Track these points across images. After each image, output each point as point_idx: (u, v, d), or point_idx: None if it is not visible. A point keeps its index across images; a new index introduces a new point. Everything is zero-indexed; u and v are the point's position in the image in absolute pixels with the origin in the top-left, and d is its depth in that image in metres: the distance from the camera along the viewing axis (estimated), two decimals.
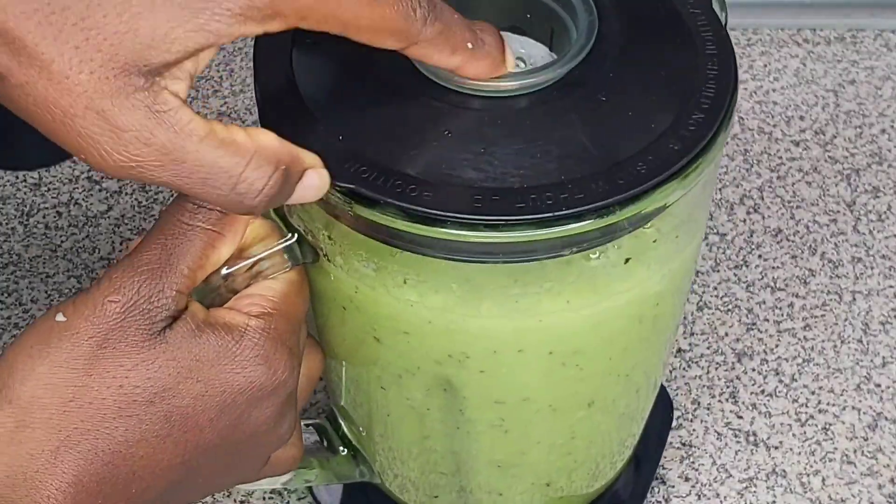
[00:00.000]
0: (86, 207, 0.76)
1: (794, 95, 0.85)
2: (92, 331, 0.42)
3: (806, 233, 0.77)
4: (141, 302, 0.42)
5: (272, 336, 0.44)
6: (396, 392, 0.50)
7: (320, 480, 0.57)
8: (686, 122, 0.44)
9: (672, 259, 0.47)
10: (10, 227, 0.75)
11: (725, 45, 0.47)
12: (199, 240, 0.44)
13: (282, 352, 0.44)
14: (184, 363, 0.43)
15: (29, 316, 0.70)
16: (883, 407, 0.68)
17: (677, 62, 0.46)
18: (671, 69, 0.46)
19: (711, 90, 0.45)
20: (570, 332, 0.47)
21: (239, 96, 0.83)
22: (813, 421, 0.67)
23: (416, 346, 0.47)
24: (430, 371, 0.48)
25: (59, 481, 0.41)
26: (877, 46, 0.89)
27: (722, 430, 0.67)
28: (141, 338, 0.42)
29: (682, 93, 0.45)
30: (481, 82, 0.45)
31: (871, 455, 0.66)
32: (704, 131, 0.44)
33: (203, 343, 0.43)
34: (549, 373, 0.48)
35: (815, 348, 0.71)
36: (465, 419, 0.50)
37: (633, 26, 0.48)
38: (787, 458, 0.66)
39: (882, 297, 0.73)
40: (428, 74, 0.46)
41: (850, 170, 0.80)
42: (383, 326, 0.48)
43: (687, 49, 0.47)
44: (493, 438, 0.51)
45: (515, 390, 0.49)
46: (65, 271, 0.72)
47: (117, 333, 0.42)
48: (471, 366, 0.48)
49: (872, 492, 0.64)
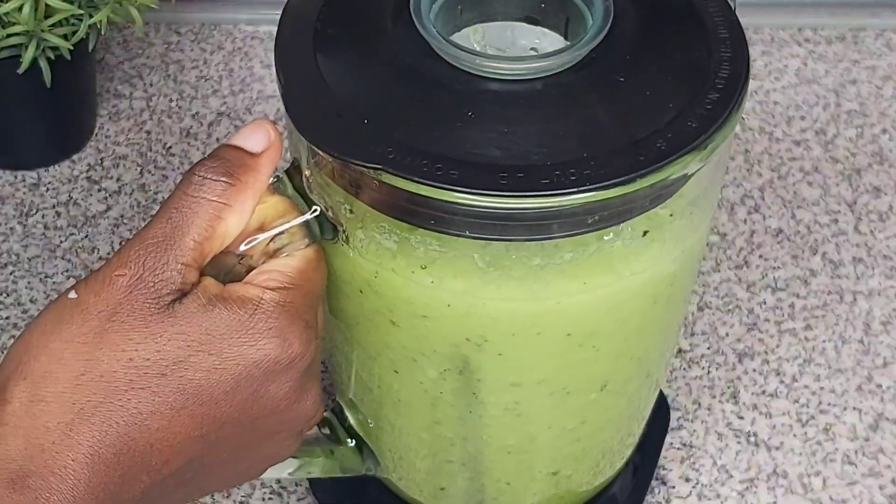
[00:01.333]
0: (85, 207, 0.76)
1: (795, 95, 0.85)
2: (101, 305, 0.43)
3: (807, 233, 0.76)
4: (147, 275, 0.43)
5: (287, 310, 0.44)
6: (409, 376, 0.51)
7: (325, 472, 0.57)
8: (703, 102, 0.45)
9: (687, 237, 0.48)
10: (9, 227, 0.75)
11: (736, 29, 0.49)
12: (205, 211, 0.44)
13: (297, 325, 0.45)
14: (194, 336, 0.43)
15: (28, 316, 0.70)
16: (884, 407, 0.68)
17: (691, 45, 0.48)
18: (685, 53, 0.48)
19: (725, 71, 0.47)
20: (587, 313, 0.48)
21: (238, 96, 0.83)
22: (814, 421, 0.67)
23: (434, 329, 0.48)
24: (446, 354, 0.49)
25: (75, 452, 0.41)
26: (878, 46, 0.89)
27: (723, 431, 0.67)
28: (148, 311, 0.43)
29: (696, 74, 0.47)
30: (500, 66, 0.46)
31: (873, 456, 0.66)
32: (720, 110, 0.45)
33: (215, 317, 0.43)
34: (565, 354, 0.49)
35: (816, 349, 0.70)
36: (478, 402, 0.51)
37: (647, 12, 0.49)
38: (788, 459, 0.65)
39: (883, 297, 0.73)
40: (448, 59, 0.46)
41: (851, 170, 0.80)
42: (401, 310, 0.48)
43: (700, 33, 0.48)
44: (505, 422, 0.52)
45: (532, 372, 0.50)
46: (64, 271, 0.72)
47: (125, 307, 0.43)
48: (489, 349, 0.48)
49: (874, 492, 0.64)
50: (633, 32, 0.48)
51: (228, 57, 0.86)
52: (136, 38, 0.87)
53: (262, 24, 0.88)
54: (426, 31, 0.46)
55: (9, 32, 0.70)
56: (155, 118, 0.81)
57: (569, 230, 0.44)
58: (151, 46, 0.87)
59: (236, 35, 0.88)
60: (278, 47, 0.48)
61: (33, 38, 0.70)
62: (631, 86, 0.46)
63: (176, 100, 0.83)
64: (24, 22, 0.69)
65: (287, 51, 0.48)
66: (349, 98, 0.46)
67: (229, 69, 0.85)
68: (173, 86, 0.84)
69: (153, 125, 0.81)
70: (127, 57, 0.86)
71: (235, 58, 0.86)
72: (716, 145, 0.45)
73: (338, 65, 0.47)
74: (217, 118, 0.81)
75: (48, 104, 0.76)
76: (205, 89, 0.84)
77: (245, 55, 0.86)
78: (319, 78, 0.46)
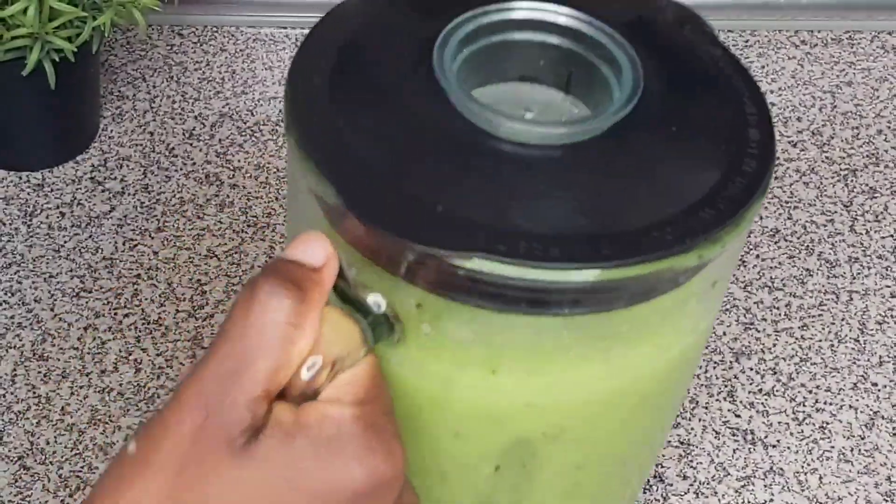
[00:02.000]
0: (89, 208, 0.76)
1: (791, 96, 0.86)
2: (165, 460, 0.37)
3: (803, 233, 0.77)
4: (213, 419, 0.37)
5: (372, 424, 0.39)
6: (459, 480, 0.48)
7: None
8: (727, 185, 0.44)
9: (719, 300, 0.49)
10: (13, 228, 0.75)
11: (763, 108, 0.48)
12: (275, 336, 0.38)
13: (385, 439, 0.39)
14: (279, 477, 0.37)
15: (32, 315, 0.70)
16: (880, 406, 0.68)
17: (717, 121, 0.47)
18: (710, 130, 0.47)
19: (753, 150, 0.46)
20: (660, 377, 0.47)
21: (241, 97, 0.83)
22: (810, 420, 0.68)
23: (505, 429, 0.45)
24: (508, 450, 0.46)
25: None
26: (873, 48, 0.90)
27: (720, 429, 0.67)
28: (221, 459, 0.37)
29: (723, 152, 0.45)
30: (534, 129, 0.44)
31: (868, 453, 0.66)
32: (745, 197, 0.44)
33: (298, 448, 0.38)
34: (634, 422, 0.48)
35: (812, 347, 0.71)
36: (532, 490, 0.48)
37: (673, 77, 0.47)
38: (785, 457, 0.66)
39: (879, 296, 0.73)
40: (473, 120, 0.44)
41: (847, 170, 0.81)
42: (471, 420, 0.45)
43: (727, 106, 0.47)
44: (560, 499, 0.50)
45: (597, 448, 0.48)
46: (68, 271, 0.73)
47: (193, 459, 0.37)
48: (565, 437, 0.46)
49: (869, 490, 0.65)
50: (658, 103, 0.46)
51: (231, 59, 0.86)
52: (140, 41, 0.87)
53: (264, 27, 0.89)
54: (463, 102, 0.44)
55: (13, 35, 0.70)
56: (158, 119, 0.82)
57: (636, 297, 0.42)
58: (154, 48, 0.87)
59: (239, 37, 0.88)
60: (300, 132, 0.44)
61: (38, 41, 0.71)
62: (671, 152, 0.45)
63: (179, 101, 0.83)
64: (28, 24, 0.70)
65: (312, 132, 0.44)
66: (398, 179, 0.42)
67: (232, 71, 0.86)
68: (176, 87, 0.84)
69: (156, 126, 0.81)
70: (130, 59, 0.86)
71: (238, 59, 0.86)
72: (751, 215, 0.44)
73: (369, 139, 0.43)
74: (220, 119, 0.82)
75: (52, 106, 0.76)
76: (207, 91, 0.84)
77: (247, 57, 0.87)
78: (361, 163, 0.42)
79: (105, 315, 0.70)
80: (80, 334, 0.69)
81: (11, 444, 0.64)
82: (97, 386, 0.67)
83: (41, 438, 0.65)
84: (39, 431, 0.65)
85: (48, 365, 0.68)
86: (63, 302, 0.71)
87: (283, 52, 0.87)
